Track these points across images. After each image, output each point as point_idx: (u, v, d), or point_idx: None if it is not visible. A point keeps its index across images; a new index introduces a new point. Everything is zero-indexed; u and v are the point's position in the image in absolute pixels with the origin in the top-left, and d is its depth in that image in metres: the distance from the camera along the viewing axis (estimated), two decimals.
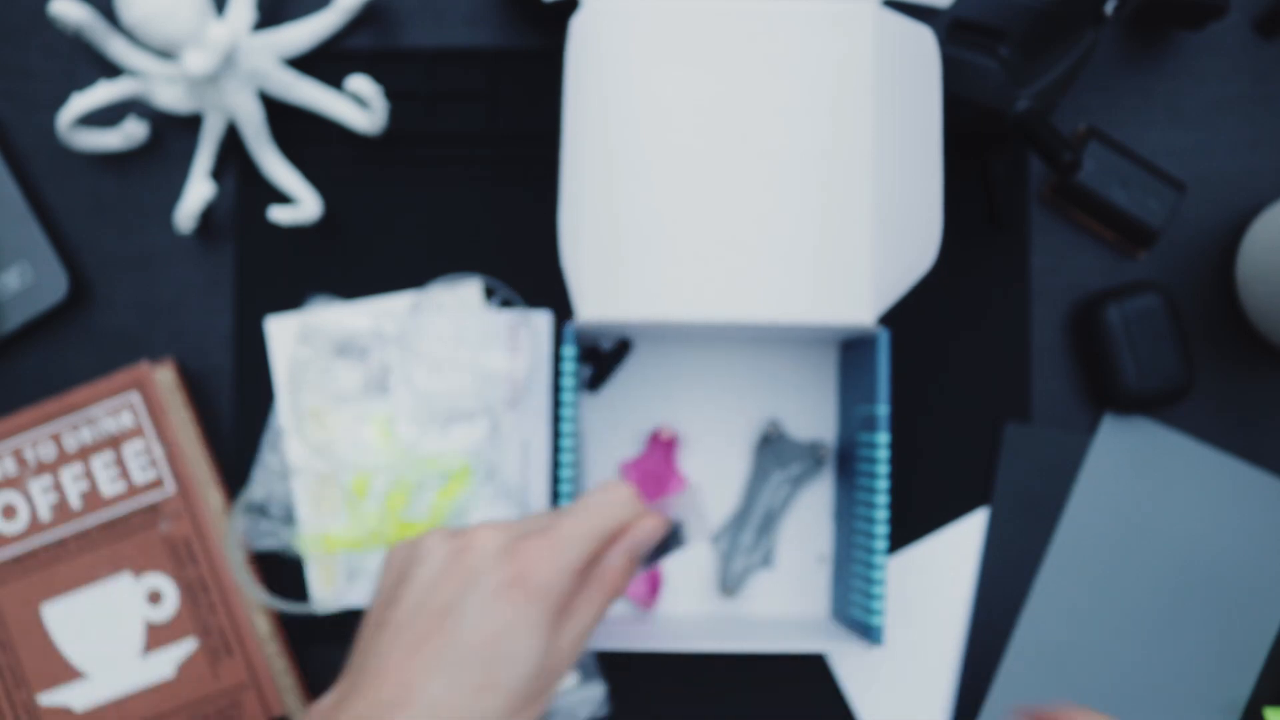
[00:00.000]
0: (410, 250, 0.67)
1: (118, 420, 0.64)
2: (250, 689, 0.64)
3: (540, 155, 0.67)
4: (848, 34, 0.56)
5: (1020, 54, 0.59)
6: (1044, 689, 0.65)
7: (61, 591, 0.64)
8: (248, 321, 0.67)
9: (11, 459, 0.64)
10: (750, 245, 0.56)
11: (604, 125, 0.56)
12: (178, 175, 0.67)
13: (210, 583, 0.64)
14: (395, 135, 0.67)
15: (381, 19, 0.68)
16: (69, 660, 0.64)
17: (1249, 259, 0.65)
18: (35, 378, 0.67)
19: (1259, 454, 0.67)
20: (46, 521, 0.64)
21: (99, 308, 0.67)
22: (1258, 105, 0.67)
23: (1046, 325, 0.67)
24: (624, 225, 0.56)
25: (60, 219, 0.68)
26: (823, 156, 0.56)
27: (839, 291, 0.56)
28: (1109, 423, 0.66)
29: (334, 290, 0.67)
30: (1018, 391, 0.67)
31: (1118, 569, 0.66)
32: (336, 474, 0.66)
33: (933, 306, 0.66)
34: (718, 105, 0.57)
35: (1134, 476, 0.66)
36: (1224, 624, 0.66)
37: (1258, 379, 0.67)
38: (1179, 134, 0.68)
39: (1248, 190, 0.67)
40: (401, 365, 0.66)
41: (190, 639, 0.64)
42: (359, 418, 0.66)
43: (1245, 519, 0.66)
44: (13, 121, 0.68)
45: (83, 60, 0.68)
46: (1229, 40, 0.68)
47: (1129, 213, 0.65)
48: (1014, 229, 0.67)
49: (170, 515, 0.64)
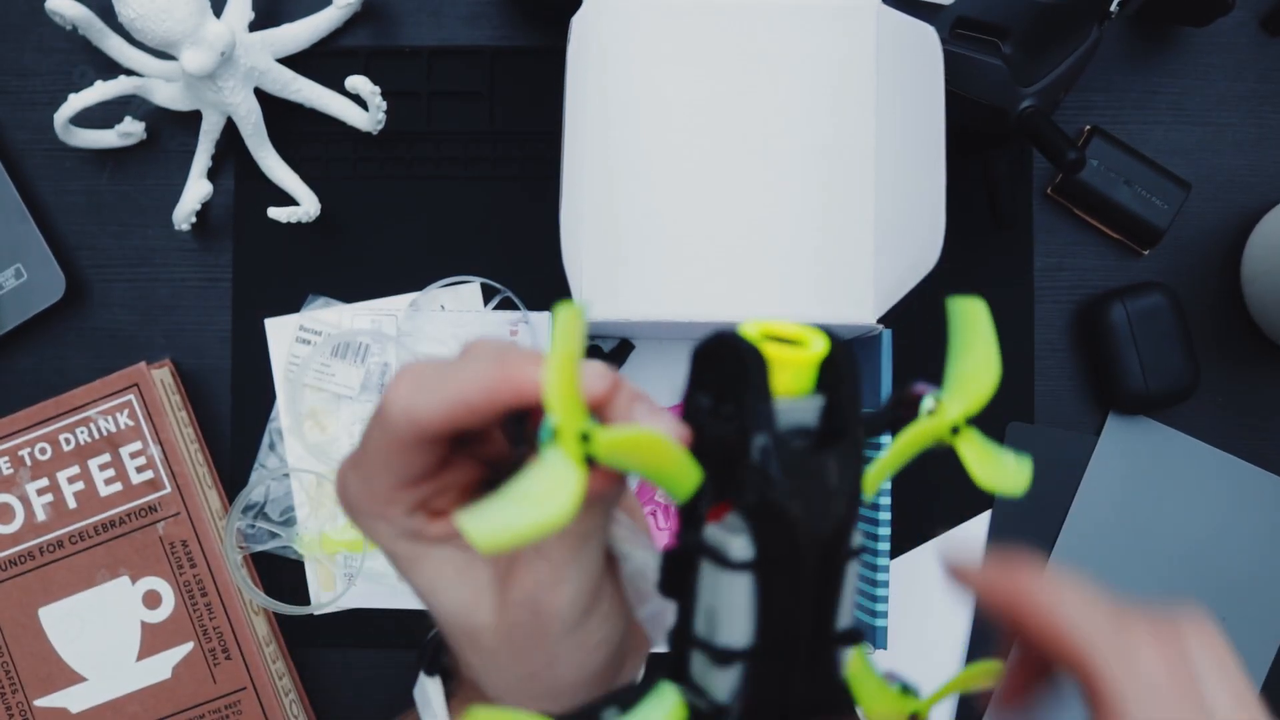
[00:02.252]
0: (410, 250, 0.67)
1: (115, 421, 0.64)
2: (248, 692, 0.63)
3: (540, 155, 0.67)
4: (850, 32, 0.56)
5: (1024, 52, 0.59)
6: None
7: (58, 593, 0.63)
8: (246, 321, 0.67)
9: (7, 460, 0.64)
10: (752, 245, 0.56)
11: (604, 125, 0.56)
12: (175, 174, 0.67)
13: (208, 584, 0.64)
14: (394, 134, 0.67)
15: (380, 17, 0.67)
16: (66, 663, 0.63)
17: (1254, 258, 0.64)
18: (32, 378, 0.67)
19: (1264, 455, 0.66)
20: (43, 523, 0.64)
21: (96, 308, 0.67)
22: (1264, 103, 0.67)
23: (1050, 325, 0.67)
24: (625, 225, 0.56)
25: (57, 218, 0.67)
26: (824, 155, 0.56)
27: (841, 291, 0.56)
28: (1113, 423, 0.66)
29: (333, 290, 0.67)
30: (1021, 391, 0.66)
31: (1122, 570, 0.65)
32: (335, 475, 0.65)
33: (935, 306, 0.66)
34: (719, 104, 0.56)
35: (1139, 477, 0.66)
36: (1230, 624, 0.65)
37: (1263, 379, 0.67)
38: (1184, 132, 0.67)
39: (1253, 189, 0.67)
40: (400, 365, 0.66)
41: (187, 641, 0.64)
42: (357, 418, 0.66)
43: (1251, 520, 0.65)
44: (9, 119, 0.67)
45: (80, 58, 0.67)
46: (1235, 37, 0.67)
47: (1133, 211, 0.64)
48: (1017, 228, 0.67)
49: (167, 516, 0.64)
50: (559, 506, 0.27)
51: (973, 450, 0.34)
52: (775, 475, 0.30)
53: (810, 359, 0.32)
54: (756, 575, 0.30)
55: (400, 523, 0.33)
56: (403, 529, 0.33)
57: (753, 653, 0.30)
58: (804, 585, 0.30)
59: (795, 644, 0.31)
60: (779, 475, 0.30)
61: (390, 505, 0.33)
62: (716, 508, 0.31)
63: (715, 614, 0.31)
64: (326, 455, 0.65)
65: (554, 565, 0.32)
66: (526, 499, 0.27)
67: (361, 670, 0.67)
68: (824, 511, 0.30)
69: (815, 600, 0.31)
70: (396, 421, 0.31)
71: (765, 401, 0.30)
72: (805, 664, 0.31)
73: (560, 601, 0.32)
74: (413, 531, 0.33)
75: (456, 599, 0.34)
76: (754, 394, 0.30)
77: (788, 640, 0.31)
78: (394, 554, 0.34)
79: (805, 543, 0.30)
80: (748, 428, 0.30)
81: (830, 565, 0.31)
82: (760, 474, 0.30)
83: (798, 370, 0.32)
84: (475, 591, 0.34)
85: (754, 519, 0.30)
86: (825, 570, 0.31)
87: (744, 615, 0.30)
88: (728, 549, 0.30)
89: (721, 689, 0.31)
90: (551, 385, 0.28)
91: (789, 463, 0.30)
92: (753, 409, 0.30)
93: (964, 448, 0.34)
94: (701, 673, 0.31)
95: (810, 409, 0.32)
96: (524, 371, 0.30)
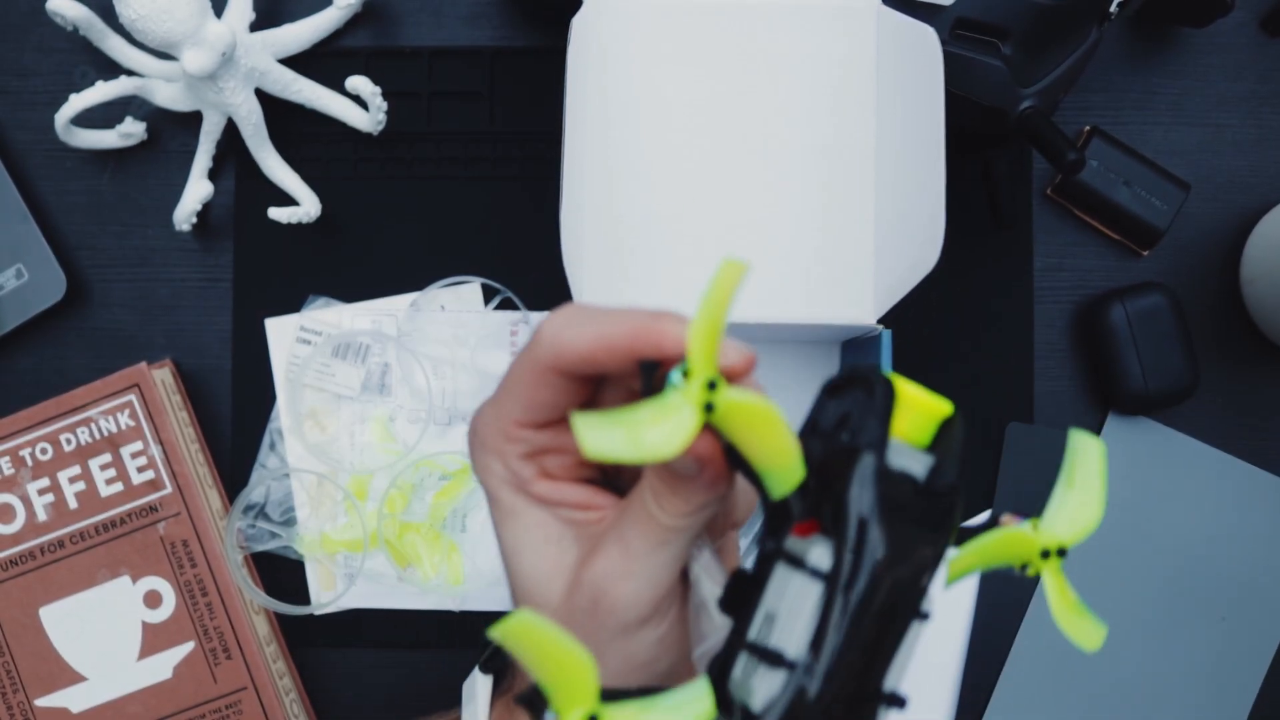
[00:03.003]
0: (410, 250, 0.67)
1: (115, 421, 0.64)
2: (249, 692, 0.63)
3: (540, 155, 0.67)
4: (849, 32, 0.56)
5: (1023, 52, 0.59)
6: (1047, 690, 0.65)
7: (59, 593, 0.64)
8: (246, 321, 0.67)
9: (8, 460, 0.64)
10: (752, 245, 0.56)
11: (604, 125, 0.56)
12: (176, 174, 0.67)
13: (208, 584, 0.64)
14: (395, 134, 0.67)
15: (381, 18, 0.67)
16: (66, 663, 0.63)
17: (1254, 258, 0.64)
18: (32, 378, 0.67)
19: (1264, 455, 0.66)
20: (44, 523, 0.64)
21: (96, 308, 0.67)
22: (1263, 103, 0.67)
23: (1050, 325, 0.67)
24: (625, 225, 0.56)
25: (57, 218, 0.67)
26: (824, 156, 0.56)
27: (840, 291, 0.56)
28: (1113, 423, 0.66)
29: (333, 290, 0.67)
30: (1021, 392, 0.66)
31: (1122, 570, 0.65)
32: (336, 474, 0.65)
33: (935, 306, 0.66)
34: (719, 104, 0.56)
35: (1138, 477, 0.66)
36: (1229, 626, 0.65)
37: (1263, 380, 0.67)
38: (1184, 133, 0.67)
39: (1253, 189, 0.67)
40: (401, 365, 0.66)
41: (188, 641, 0.64)
42: (358, 418, 0.66)
43: (1251, 520, 0.66)
44: (9, 120, 0.67)
45: (80, 58, 0.67)
46: (1234, 38, 0.67)
47: (1133, 212, 0.64)
48: (1017, 228, 0.67)
49: (168, 516, 0.64)
50: (669, 438, 0.28)
51: (1057, 584, 0.33)
52: (872, 495, 0.29)
53: (936, 408, 0.31)
54: (828, 588, 0.30)
55: (513, 465, 0.34)
56: (513, 474, 0.34)
57: (802, 666, 0.30)
58: (868, 618, 0.30)
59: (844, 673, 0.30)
60: (875, 496, 0.29)
61: (511, 441, 0.34)
62: (804, 525, 0.31)
63: (775, 618, 0.30)
64: (327, 455, 0.65)
65: (627, 556, 0.32)
66: (641, 423, 0.28)
67: (362, 670, 0.67)
68: (908, 555, 0.30)
69: (874, 639, 0.30)
70: (544, 347, 0.32)
71: (884, 425, 0.30)
72: (846, 701, 0.30)
73: (623, 594, 0.32)
74: (521, 480, 0.34)
75: (536, 567, 0.34)
76: (876, 414, 0.30)
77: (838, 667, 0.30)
78: (495, 499, 0.35)
79: (880, 573, 0.29)
80: (859, 445, 0.30)
81: (897, 612, 0.30)
82: (859, 490, 0.29)
83: (921, 417, 0.31)
84: (555, 565, 0.34)
85: (839, 532, 0.30)
86: (891, 614, 0.30)
87: (805, 623, 0.30)
88: (807, 553, 0.30)
89: (759, 696, 0.30)
90: (697, 329, 0.29)
91: (889, 491, 0.30)
92: (871, 428, 0.30)
93: (1049, 577, 0.33)
94: (743, 678, 0.31)
95: (920, 462, 0.31)
96: (671, 324, 0.31)
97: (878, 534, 0.29)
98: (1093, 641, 0.33)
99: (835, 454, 0.30)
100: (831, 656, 0.29)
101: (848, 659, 0.30)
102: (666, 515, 0.32)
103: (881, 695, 0.31)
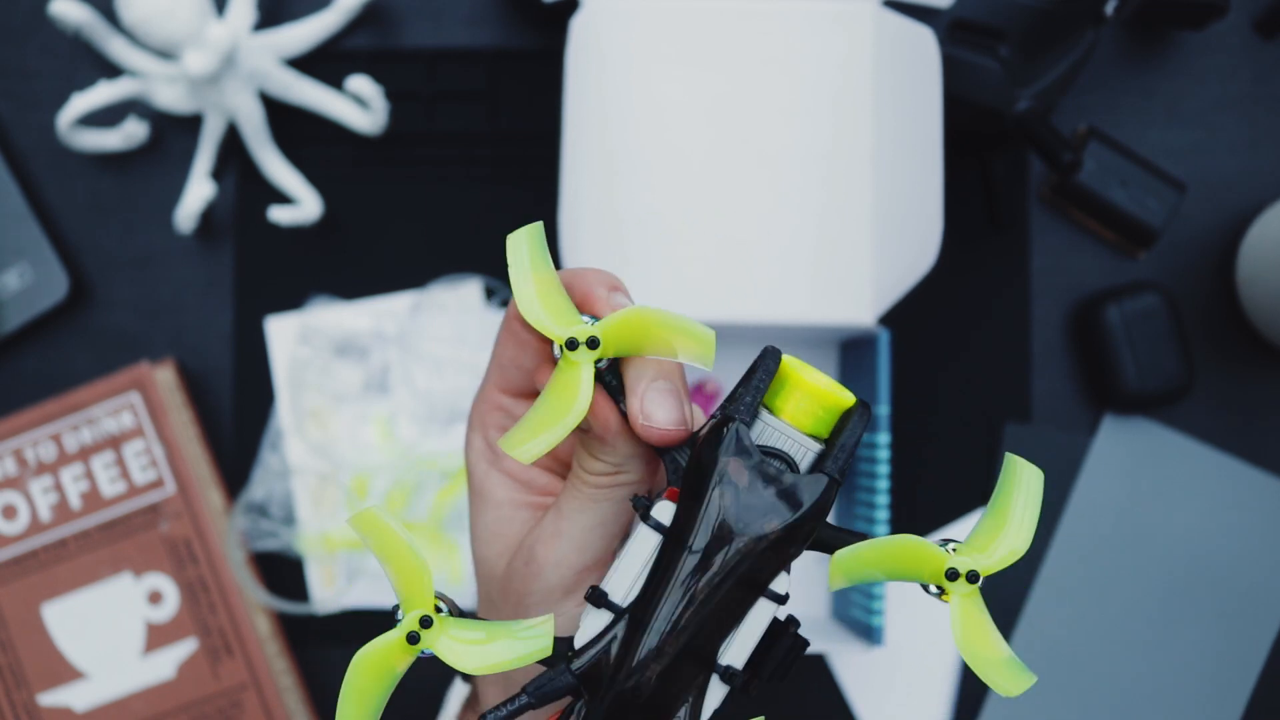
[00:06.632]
0: (410, 250, 0.67)
1: (118, 420, 0.64)
2: (250, 689, 0.64)
3: (540, 155, 0.67)
4: (848, 34, 0.56)
5: (1020, 54, 0.59)
6: (1044, 689, 0.65)
7: (62, 592, 0.64)
8: (248, 321, 0.67)
9: (12, 459, 0.64)
10: (751, 245, 0.56)
11: (604, 125, 0.56)
12: (178, 175, 0.67)
13: (210, 583, 0.64)
14: (395, 135, 0.67)
15: (381, 19, 0.68)
16: (69, 660, 0.64)
17: (1249, 259, 0.65)
18: (35, 378, 0.67)
19: (1259, 454, 0.67)
20: (47, 522, 0.64)
21: (99, 308, 0.67)
22: (1258, 105, 0.67)
23: (1047, 325, 0.67)
24: (624, 225, 0.56)
25: (60, 219, 0.68)
26: (823, 156, 0.56)
27: (839, 291, 0.56)
28: (1109, 423, 0.66)
29: (334, 290, 0.67)
30: (1018, 392, 0.67)
31: (1118, 570, 0.66)
32: (336, 474, 0.66)
33: (933, 306, 0.66)
34: (718, 105, 0.57)
35: (1134, 477, 0.66)
36: (1224, 624, 0.66)
37: (1258, 379, 0.67)
38: (1179, 134, 0.68)
39: (1248, 190, 0.67)
40: (401, 365, 0.66)
41: (190, 639, 0.64)
42: (359, 418, 0.66)
43: (1246, 519, 0.66)
44: (13, 121, 0.68)
45: (83, 60, 0.68)
46: (1229, 40, 0.68)
47: (1129, 213, 0.65)
48: (1014, 229, 0.67)
49: (170, 515, 0.64)
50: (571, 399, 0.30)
51: (965, 612, 0.30)
52: (722, 461, 0.30)
53: (835, 399, 0.31)
54: (664, 543, 0.30)
55: (491, 438, 0.37)
56: (489, 446, 0.37)
57: (624, 612, 0.30)
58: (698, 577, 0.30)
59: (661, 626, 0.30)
60: (724, 462, 0.30)
61: (492, 411, 0.37)
62: (674, 490, 0.31)
63: (616, 566, 0.31)
64: (328, 454, 0.66)
65: (559, 516, 0.34)
66: (543, 404, 0.31)
67: None
68: (751, 522, 0.30)
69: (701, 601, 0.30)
70: (510, 305, 0.35)
71: (754, 398, 0.31)
72: (668, 665, 0.30)
73: (550, 554, 0.34)
74: (496, 453, 0.37)
75: (494, 549, 0.36)
76: (750, 388, 0.31)
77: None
78: (471, 474, 0.38)
79: (717, 537, 0.30)
80: (730, 415, 0.30)
81: (740, 584, 0.30)
82: (709, 454, 0.30)
83: (818, 406, 0.31)
84: (510, 542, 0.36)
85: (685, 492, 0.30)
86: (732, 584, 0.30)
87: (634, 573, 0.31)
88: (653, 506, 0.31)
89: (581, 633, 0.31)
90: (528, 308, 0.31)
91: (748, 463, 0.30)
92: (740, 399, 0.31)
93: (958, 603, 0.30)
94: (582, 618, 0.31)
95: (802, 446, 0.31)
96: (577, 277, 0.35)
97: (718, 496, 0.30)
98: (1011, 686, 0.30)
99: (709, 424, 0.31)
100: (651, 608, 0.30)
101: (663, 611, 0.30)
102: (590, 475, 0.34)
103: (714, 665, 0.31)
